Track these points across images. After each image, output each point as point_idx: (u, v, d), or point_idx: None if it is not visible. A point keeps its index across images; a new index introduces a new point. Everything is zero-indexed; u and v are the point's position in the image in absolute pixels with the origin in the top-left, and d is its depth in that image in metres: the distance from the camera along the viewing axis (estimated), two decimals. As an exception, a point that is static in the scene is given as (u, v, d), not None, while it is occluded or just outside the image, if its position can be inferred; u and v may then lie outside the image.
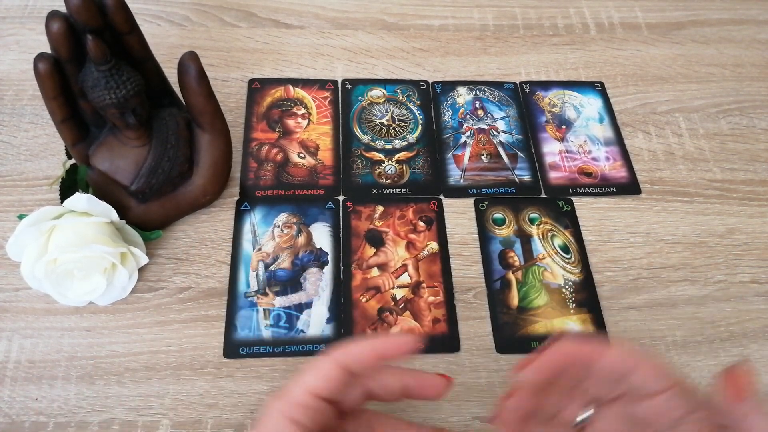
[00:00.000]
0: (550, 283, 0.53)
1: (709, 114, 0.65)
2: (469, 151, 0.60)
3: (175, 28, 0.67)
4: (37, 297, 0.49)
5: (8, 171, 0.55)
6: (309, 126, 0.60)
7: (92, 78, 0.43)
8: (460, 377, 0.48)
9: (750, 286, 0.54)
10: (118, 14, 0.43)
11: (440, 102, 0.64)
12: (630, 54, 0.70)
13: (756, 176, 0.61)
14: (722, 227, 0.57)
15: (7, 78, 0.61)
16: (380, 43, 0.68)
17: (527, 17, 0.72)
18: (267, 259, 0.52)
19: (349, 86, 0.64)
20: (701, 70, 0.69)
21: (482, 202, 0.57)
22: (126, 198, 0.50)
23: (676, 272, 0.54)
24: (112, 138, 0.49)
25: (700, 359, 0.50)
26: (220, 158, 0.52)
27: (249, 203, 0.55)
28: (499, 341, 0.49)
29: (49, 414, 0.44)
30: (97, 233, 0.46)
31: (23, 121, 0.59)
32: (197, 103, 0.48)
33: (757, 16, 0.75)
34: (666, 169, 0.61)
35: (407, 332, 0.34)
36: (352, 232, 0.54)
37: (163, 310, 0.49)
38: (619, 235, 0.56)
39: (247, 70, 0.64)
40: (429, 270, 0.52)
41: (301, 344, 0.48)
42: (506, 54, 0.69)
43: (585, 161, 0.60)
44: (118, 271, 0.47)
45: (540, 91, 0.66)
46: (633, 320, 0.51)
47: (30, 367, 0.46)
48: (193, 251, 0.52)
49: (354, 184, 0.57)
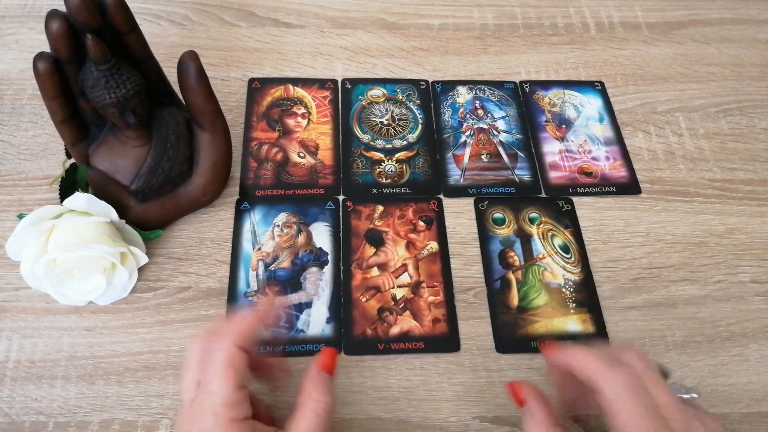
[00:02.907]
0: (550, 282, 0.53)
1: (709, 114, 0.65)
2: (469, 151, 0.60)
3: (175, 28, 0.67)
4: (37, 297, 0.49)
5: (8, 170, 0.55)
6: (309, 125, 0.60)
7: (92, 78, 0.43)
8: (460, 377, 0.48)
9: (750, 286, 0.54)
10: (118, 14, 0.43)
11: (440, 101, 0.64)
12: (630, 53, 0.70)
13: (756, 176, 0.61)
14: (722, 227, 0.57)
15: (7, 77, 0.61)
16: (380, 42, 0.68)
17: (527, 17, 0.72)
18: (267, 259, 0.52)
19: (349, 86, 0.64)
20: (701, 69, 0.69)
21: (482, 201, 0.57)
22: (126, 198, 0.50)
23: (676, 272, 0.54)
24: (112, 138, 0.49)
25: (700, 359, 0.50)
26: (220, 158, 0.52)
27: (249, 203, 0.55)
28: (499, 341, 0.49)
29: (49, 414, 0.44)
30: (97, 233, 0.46)
31: (23, 120, 0.58)
32: (197, 102, 0.48)
33: (757, 15, 0.75)
34: (666, 169, 0.61)
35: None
36: (352, 232, 0.54)
37: (163, 309, 0.49)
38: (619, 235, 0.56)
39: (247, 69, 0.64)
40: (429, 270, 0.52)
41: (301, 344, 0.48)
42: (506, 53, 0.69)
43: (585, 161, 0.60)
44: (118, 270, 0.47)
45: (540, 91, 0.66)
46: (633, 320, 0.51)
47: (30, 366, 0.46)
48: (193, 251, 0.52)
49: (354, 183, 0.57)
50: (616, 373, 0.35)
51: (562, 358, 0.39)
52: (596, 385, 0.35)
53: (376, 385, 0.47)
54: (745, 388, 0.48)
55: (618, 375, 0.35)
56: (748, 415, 0.47)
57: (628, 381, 0.35)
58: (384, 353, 0.48)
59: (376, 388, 0.47)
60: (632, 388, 0.34)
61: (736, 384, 0.49)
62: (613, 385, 0.34)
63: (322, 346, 0.48)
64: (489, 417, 0.46)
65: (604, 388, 0.35)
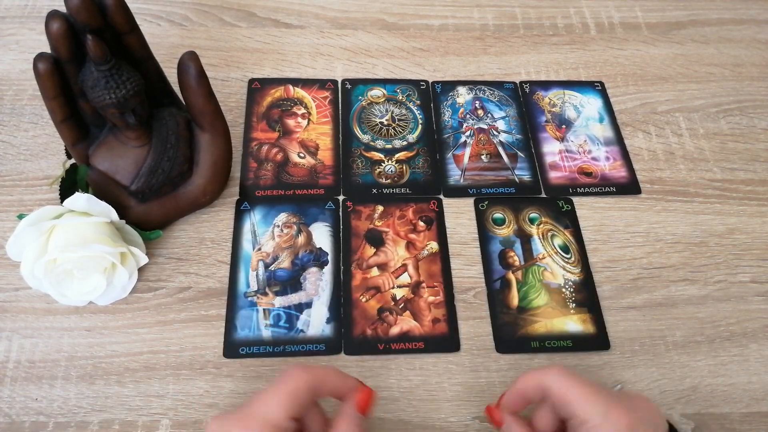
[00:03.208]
0: (550, 282, 0.53)
1: (709, 114, 0.65)
2: (469, 151, 0.60)
3: (175, 28, 0.67)
4: (37, 297, 0.49)
5: (8, 171, 0.55)
6: (309, 126, 0.60)
7: (92, 78, 0.43)
8: (460, 377, 0.48)
9: (750, 286, 0.54)
10: (118, 14, 0.43)
11: (440, 102, 0.64)
12: (630, 54, 0.70)
13: (756, 176, 0.61)
14: (722, 227, 0.57)
15: (7, 78, 0.61)
16: (380, 42, 0.68)
17: (527, 17, 0.72)
18: (267, 259, 0.52)
19: (349, 86, 0.64)
20: (701, 69, 0.69)
21: (482, 201, 0.57)
22: (126, 198, 0.50)
23: (676, 272, 0.54)
24: (112, 138, 0.49)
25: (700, 359, 0.50)
26: (220, 158, 0.52)
27: (249, 203, 0.55)
28: (499, 341, 0.49)
29: (49, 414, 0.44)
30: (97, 233, 0.46)
31: (23, 120, 0.59)
32: (197, 102, 0.48)
33: (757, 15, 0.75)
34: (666, 169, 0.60)
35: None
36: (352, 232, 0.54)
37: (163, 310, 0.49)
38: (619, 235, 0.56)
39: (247, 69, 0.64)
40: (429, 270, 0.52)
41: (301, 344, 0.48)
42: (506, 54, 0.69)
43: (585, 161, 0.60)
44: (118, 270, 0.47)
45: (540, 91, 0.66)
46: (633, 320, 0.51)
47: (30, 367, 0.46)
48: (193, 251, 0.52)
49: (354, 183, 0.57)
50: (550, 368, 0.39)
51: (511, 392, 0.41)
52: (545, 388, 0.38)
53: (376, 386, 0.47)
54: (745, 388, 0.48)
55: (552, 369, 0.39)
56: (748, 415, 0.47)
57: (561, 369, 0.39)
58: (384, 353, 0.48)
59: (376, 389, 0.46)
60: (568, 374, 0.38)
61: (736, 384, 0.49)
62: (551, 377, 0.38)
63: (322, 346, 0.48)
64: (489, 417, 0.46)
65: (547, 383, 0.38)
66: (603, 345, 0.50)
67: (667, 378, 0.48)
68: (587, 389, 0.37)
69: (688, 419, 0.46)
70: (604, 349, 0.50)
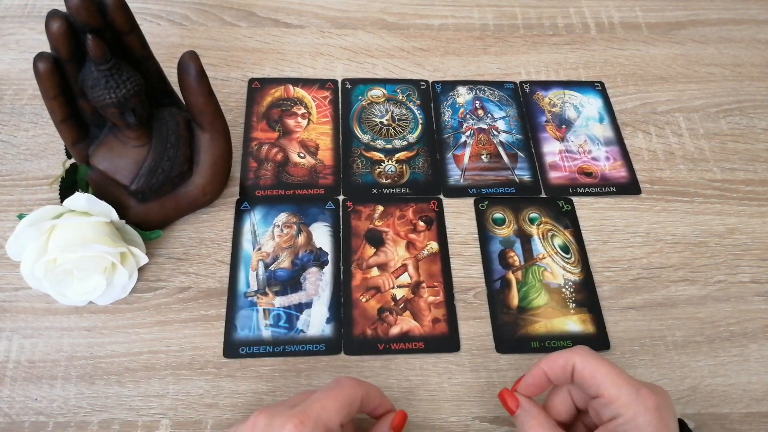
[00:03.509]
0: (550, 283, 0.53)
1: (709, 114, 0.65)
2: (469, 151, 0.60)
3: (175, 28, 0.67)
4: (37, 297, 0.49)
5: (8, 171, 0.55)
6: (309, 126, 0.60)
7: (92, 78, 0.43)
8: (460, 377, 0.48)
9: (750, 286, 0.54)
10: (118, 14, 0.43)
11: (440, 102, 0.64)
12: (630, 54, 0.70)
13: (756, 176, 0.61)
14: (722, 227, 0.57)
15: (7, 77, 0.61)
16: (380, 42, 0.68)
17: (527, 17, 0.72)
18: (267, 259, 0.52)
19: (349, 86, 0.64)
20: (701, 70, 0.69)
21: (482, 201, 0.57)
22: (126, 198, 0.50)
23: (676, 272, 0.54)
24: (112, 138, 0.49)
25: (700, 359, 0.50)
26: (220, 158, 0.52)
27: (249, 203, 0.55)
28: (499, 341, 0.49)
29: (49, 414, 0.44)
30: (97, 233, 0.46)
31: (23, 120, 0.58)
32: (197, 102, 0.48)
33: (757, 16, 0.75)
34: (666, 169, 0.61)
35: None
36: (352, 232, 0.54)
37: (162, 309, 0.49)
38: (619, 235, 0.56)
39: (247, 69, 0.64)
40: (429, 270, 0.52)
41: (301, 344, 0.48)
42: (506, 54, 0.69)
43: (585, 161, 0.60)
44: (118, 270, 0.47)
45: (540, 91, 0.66)
46: (633, 320, 0.51)
47: (30, 367, 0.46)
48: (193, 251, 0.52)
49: (354, 183, 0.57)
50: (577, 348, 0.40)
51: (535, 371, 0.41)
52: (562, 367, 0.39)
53: (376, 386, 0.47)
54: (745, 388, 0.48)
55: (578, 349, 0.40)
56: (748, 415, 0.47)
57: (588, 349, 0.39)
58: (384, 353, 0.48)
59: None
60: (595, 354, 0.39)
61: (736, 384, 0.49)
62: (579, 356, 0.39)
63: (322, 346, 0.48)
64: (489, 417, 0.46)
65: (575, 362, 0.38)
66: (603, 345, 0.50)
67: (667, 378, 0.48)
68: (614, 369, 0.38)
69: (688, 419, 0.46)
70: (604, 349, 0.50)
